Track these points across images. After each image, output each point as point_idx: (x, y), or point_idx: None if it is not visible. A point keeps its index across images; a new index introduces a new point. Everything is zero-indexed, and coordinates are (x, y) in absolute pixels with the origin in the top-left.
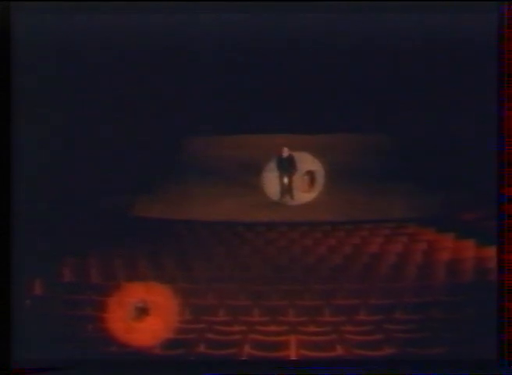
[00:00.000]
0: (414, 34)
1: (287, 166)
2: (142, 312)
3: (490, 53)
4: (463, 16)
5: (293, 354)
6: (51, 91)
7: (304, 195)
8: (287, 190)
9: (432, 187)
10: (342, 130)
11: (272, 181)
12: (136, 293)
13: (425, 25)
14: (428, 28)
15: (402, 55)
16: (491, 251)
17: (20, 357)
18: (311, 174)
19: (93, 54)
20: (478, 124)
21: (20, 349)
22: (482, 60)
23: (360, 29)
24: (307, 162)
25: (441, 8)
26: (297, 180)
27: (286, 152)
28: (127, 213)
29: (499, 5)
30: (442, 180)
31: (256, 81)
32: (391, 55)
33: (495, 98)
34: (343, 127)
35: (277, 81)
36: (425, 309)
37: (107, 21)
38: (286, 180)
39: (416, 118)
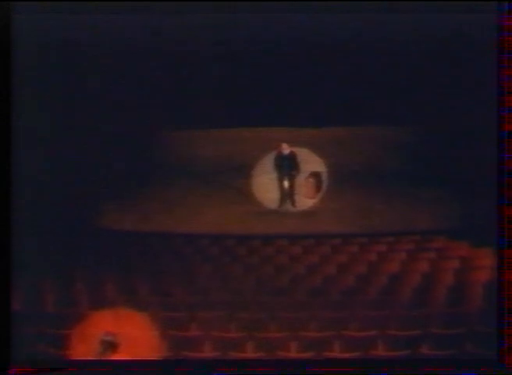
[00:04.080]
0: (413, 34)
1: (288, 167)
2: (109, 346)
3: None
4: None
5: None
6: (51, 91)
7: (308, 202)
8: (288, 195)
9: (465, 192)
10: (352, 123)
11: (268, 185)
12: (102, 323)
13: (425, 25)
14: (428, 27)
15: (404, 52)
16: None
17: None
18: (316, 176)
19: (92, 53)
20: None
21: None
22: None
23: (362, 28)
24: (311, 161)
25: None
26: (300, 184)
27: (286, 149)
28: (93, 225)
29: (499, 5)
30: (476, 184)
31: (253, 69)
32: (392, 50)
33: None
34: (353, 120)
35: (276, 69)
36: (458, 342)
37: (106, 21)
38: (286, 183)
39: (443, 110)
